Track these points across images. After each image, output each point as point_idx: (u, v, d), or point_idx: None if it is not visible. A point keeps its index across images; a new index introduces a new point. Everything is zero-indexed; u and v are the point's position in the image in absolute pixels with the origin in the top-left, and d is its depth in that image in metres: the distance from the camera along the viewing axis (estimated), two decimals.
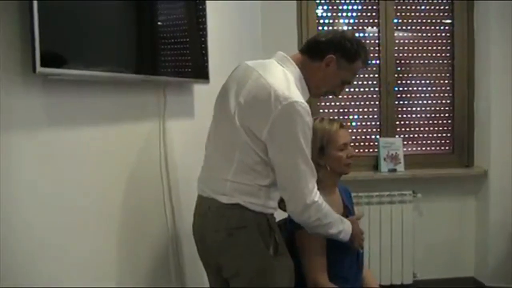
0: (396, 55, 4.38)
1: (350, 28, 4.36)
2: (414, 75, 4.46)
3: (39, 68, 1.35)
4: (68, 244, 1.61)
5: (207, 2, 2.64)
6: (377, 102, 4.40)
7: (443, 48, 4.43)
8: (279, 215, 2.22)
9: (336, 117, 3.40)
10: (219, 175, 2.10)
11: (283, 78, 2.06)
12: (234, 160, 2.05)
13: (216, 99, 2.21)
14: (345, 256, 2.27)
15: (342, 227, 2.16)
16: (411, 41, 4.44)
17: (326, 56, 2.14)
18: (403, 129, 4.45)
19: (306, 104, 2.01)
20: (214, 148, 2.19)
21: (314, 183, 2.04)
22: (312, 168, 2.04)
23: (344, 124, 2.42)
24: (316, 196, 2.04)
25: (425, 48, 4.43)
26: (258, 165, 2.04)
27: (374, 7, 4.34)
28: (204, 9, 2.63)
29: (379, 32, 4.34)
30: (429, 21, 4.41)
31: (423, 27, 4.42)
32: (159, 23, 2.23)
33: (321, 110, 4.26)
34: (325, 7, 4.34)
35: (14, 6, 1.36)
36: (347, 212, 2.41)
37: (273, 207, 2.12)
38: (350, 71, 2.20)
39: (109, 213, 1.88)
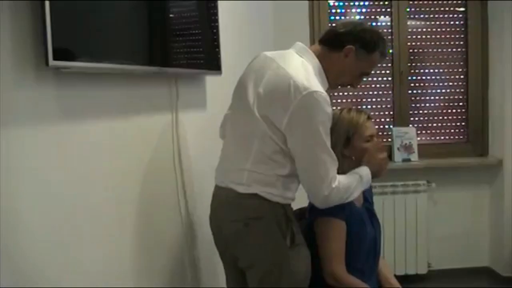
0: (409, 44, 4.36)
1: (362, 17, 4.34)
2: (428, 64, 4.44)
3: (51, 61, 1.35)
4: (81, 240, 1.61)
5: None
6: (390, 92, 4.38)
7: (457, 36, 4.40)
8: (295, 205, 2.21)
9: (353, 107, 3.36)
10: (237, 165, 2.10)
11: (302, 68, 2.06)
12: (253, 149, 2.05)
13: (234, 90, 2.21)
14: (362, 248, 2.26)
15: (361, 187, 2.18)
16: (424, 30, 4.41)
17: (345, 47, 2.14)
18: (416, 118, 4.44)
19: (325, 93, 2.01)
20: (232, 138, 2.19)
21: (335, 171, 2.05)
22: (332, 157, 2.04)
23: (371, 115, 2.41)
24: (335, 182, 2.04)
25: (438, 36, 4.40)
26: (276, 155, 2.04)
27: None
28: (215, 0, 2.62)
29: (391, 21, 4.32)
30: (442, 9, 4.38)
31: (436, 16, 4.39)
32: (171, 15, 2.23)
33: (333, 100, 4.24)
34: None
35: (26, 0, 1.36)
36: (367, 204, 2.39)
37: (290, 197, 2.12)
38: (369, 62, 2.20)
39: (123, 206, 1.88)
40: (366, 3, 4.34)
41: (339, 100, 4.31)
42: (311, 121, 1.98)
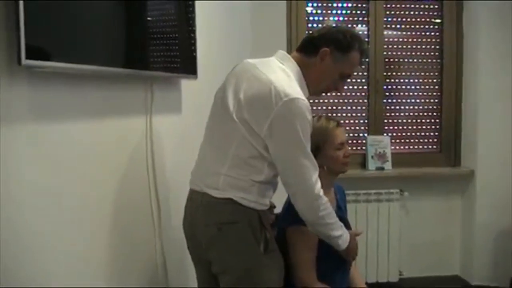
0: (385, 53, 4.39)
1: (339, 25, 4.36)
2: (403, 74, 4.49)
3: (24, 61, 1.33)
4: (51, 242, 1.59)
5: None
6: (365, 100, 4.41)
7: (432, 47, 4.45)
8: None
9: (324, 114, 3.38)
10: (213, 169, 2.09)
11: (284, 75, 2.07)
12: (230, 154, 2.05)
13: (215, 95, 2.21)
14: (332, 255, 2.26)
15: (342, 232, 2.18)
16: (400, 40, 4.45)
17: (320, 50, 2.15)
18: (391, 127, 4.47)
19: (306, 101, 2.02)
20: (209, 142, 2.18)
21: (317, 177, 2.05)
22: (314, 163, 2.05)
23: (341, 122, 2.41)
24: (321, 191, 2.05)
25: (414, 47, 4.45)
26: (253, 160, 2.04)
27: (364, 6, 4.35)
28: (193, 4, 2.61)
29: (368, 30, 4.35)
30: (418, 20, 4.43)
31: (412, 26, 4.43)
32: (148, 18, 2.22)
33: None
34: (314, 5, 4.34)
35: None
36: (340, 212, 2.39)
37: (265, 204, 2.11)
38: (347, 62, 2.19)
39: (95, 208, 1.86)
40: (344, 12, 4.37)
41: (314, 108, 4.31)
42: (292, 127, 1.98)
